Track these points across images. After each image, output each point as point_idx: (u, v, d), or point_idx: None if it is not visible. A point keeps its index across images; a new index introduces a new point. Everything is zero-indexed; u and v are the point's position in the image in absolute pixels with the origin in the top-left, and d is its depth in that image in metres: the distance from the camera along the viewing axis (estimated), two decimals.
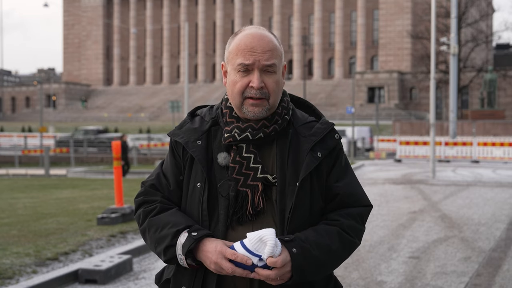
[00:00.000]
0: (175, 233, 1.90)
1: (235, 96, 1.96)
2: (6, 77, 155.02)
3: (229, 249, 1.82)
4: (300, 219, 1.92)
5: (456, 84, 29.36)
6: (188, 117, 2.10)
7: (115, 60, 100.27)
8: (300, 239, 1.86)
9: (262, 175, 1.93)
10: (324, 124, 2.03)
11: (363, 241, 8.01)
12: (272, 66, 1.95)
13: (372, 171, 21.23)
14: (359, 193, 2.04)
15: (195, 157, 1.96)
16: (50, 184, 17.76)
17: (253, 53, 1.93)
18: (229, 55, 1.99)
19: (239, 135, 1.95)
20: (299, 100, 2.14)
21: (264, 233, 1.79)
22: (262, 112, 1.94)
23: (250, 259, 1.79)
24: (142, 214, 2.01)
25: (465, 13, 52.93)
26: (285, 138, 1.98)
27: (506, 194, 13.88)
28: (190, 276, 1.95)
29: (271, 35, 1.99)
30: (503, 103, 59.73)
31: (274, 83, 1.95)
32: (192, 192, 1.98)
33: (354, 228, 1.98)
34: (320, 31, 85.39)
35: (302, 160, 1.94)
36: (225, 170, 1.96)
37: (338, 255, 1.94)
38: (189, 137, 2.00)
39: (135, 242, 7.67)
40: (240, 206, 1.92)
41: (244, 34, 1.98)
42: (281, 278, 1.82)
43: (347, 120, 53.13)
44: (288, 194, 1.92)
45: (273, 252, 1.79)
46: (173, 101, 38.45)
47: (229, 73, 1.99)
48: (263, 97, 1.93)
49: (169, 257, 1.92)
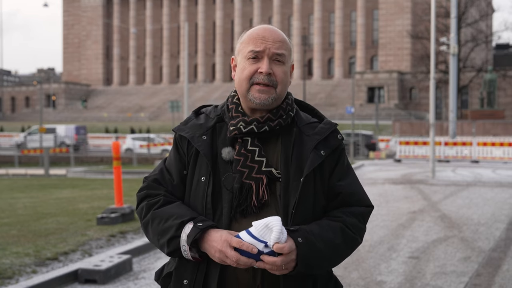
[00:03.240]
0: (179, 224, 1.90)
1: (242, 82, 1.98)
2: (6, 77, 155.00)
3: (235, 237, 1.82)
4: (304, 215, 1.94)
5: (456, 84, 29.36)
6: (193, 114, 2.13)
7: (115, 60, 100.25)
8: (305, 231, 1.88)
9: (266, 168, 1.95)
10: (327, 124, 2.06)
11: (363, 241, 7.96)
12: (282, 56, 1.99)
13: (372, 171, 21.24)
14: (361, 193, 2.06)
15: (201, 151, 1.98)
16: (50, 184, 17.76)
17: (264, 41, 1.98)
18: (240, 45, 2.03)
19: (244, 127, 1.97)
20: (301, 103, 2.17)
21: (270, 220, 1.81)
22: (268, 100, 1.96)
23: (256, 248, 1.79)
24: (146, 206, 2.02)
25: (465, 13, 52.96)
26: (289, 136, 2.00)
27: (505, 194, 13.88)
28: (192, 269, 1.95)
29: (282, 32, 2.05)
30: (503, 103, 59.73)
31: (283, 72, 1.99)
32: (196, 186, 1.99)
33: (357, 226, 2.00)
34: (320, 31, 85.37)
35: (306, 157, 1.97)
36: (229, 165, 1.97)
37: (341, 250, 1.96)
38: (195, 132, 2.03)
39: (135, 242, 7.66)
40: (244, 198, 1.93)
41: (257, 27, 2.05)
42: (286, 266, 1.82)
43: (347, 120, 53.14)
44: (292, 189, 1.93)
45: (279, 238, 1.79)
46: (173, 101, 38.48)
47: (239, 62, 2.02)
48: (270, 84, 1.96)
49: (173, 248, 1.92)
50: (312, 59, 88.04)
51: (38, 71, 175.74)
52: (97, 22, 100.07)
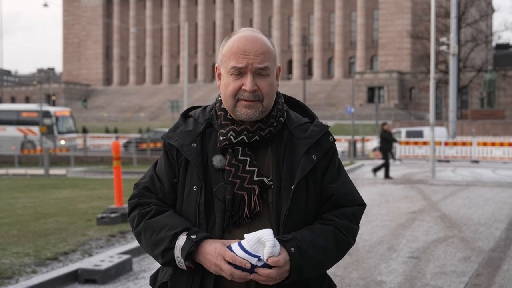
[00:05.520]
0: (173, 236, 1.89)
1: (227, 98, 1.96)
2: (5, 77, 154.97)
3: (228, 251, 1.82)
4: (296, 221, 1.94)
5: (455, 84, 29.37)
6: (181, 118, 2.09)
7: (115, 60, 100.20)
8: (297, 239, 1.88)
9: (258, 178, 1.94)
10: (318, 127, 2.03)
11: (363, 241, 8.01)
12: (265, 69, 1.94)
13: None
14: (353, 193, 2.06)
15: (191, 160, 1.96)
16: (49, 184, 17.76)
17: (246, 56, 1.92)
18: (222, 57, 1.98)
19: (234, 138, 1.95)
20: (291, 100, 2.14)
21: (262, 234, 1.80)
22: (255, 114, 1.94)
23: (249, 263, 1.79)
24: (137, 216, 2.00)
25: (465, 13, 52.92)
26: (280, 141, 1.99)
27: (505, 194, 13.88)
28: (187, 280, 1.95)
29: (264, 38, 1.98)
30: (502, 103, 59.68)
31: (268, 85, 1.95)
32: (188, 195, 1.97)
33: (349, 228, 2.00)
34: (320, 31, 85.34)
35: (297, 163, 1.95)
36: (220, 173, 1.95)
37: (333, 255, 1.96)
38: (184, 140, 1.99)
39: (134, 242, 7.66)
40: (236, 210, 1.92)
41: (237, 37, 1.97)
42: (280, 277, 1.83)
43: (346, 120, 53.17)
44: (284, 196, 1.92)
45: (272, 252, 1.79)
46: (172, 101, 38.44)
47: (223, 75, 1.99)
48: (256, 99, 1.93)
49: (167, 260, 1.92)
50: (312, 59, 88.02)
51: (38, 71, 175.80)
52: (97, 22, 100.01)
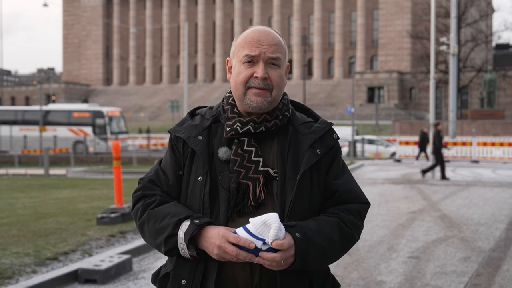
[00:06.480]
0: (176, 222, 1.91)
1: (238, 86, 1.99)
2: (6, 77, 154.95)
3: (232, 233, 1.83)
4: (300, 212, 1.95)
5: (455, 84, 29.36)
6: (188, 115, 2.14)
7: (115, 60, 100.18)
8: (302, 226, 1.89)
9: (263, 168, 1.97)
10: (323, 124, 2.07)
11: (363, 241, 8.01)
12: (277, 60, 1.99)
13: (372, 171, 21.25)
14: (357, 191, 2.08)
15: (197, 150, 1.99)
16: (49, 184, 17.76)
17: (260, 45, 1.98)
18: (235, 48, 2.04)
19: (241, 128, 1.98)
20: (297, 104, 2.19)
21: (267, 217, 1.81)
22: (264, 103, 1.97)
23: (253, 243, 1.79)
24: (141, 207, 2.02)
25: (465, 13, 52.91)
26: (285, 135, 2.02)
27: (505, 194, 13.89)
28: (190, 269, 1.96)
29: (277, 34, 2.05)
30: (502, 103, 59.67)
31: (278, 76, 2.00)
32: (193, 186, 2.00)
33: (354, 223, 2.01)
34: (320, 31, 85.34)
35: (302, 156, 1.98)
36: (226, 165, 1.98)
37: (338, 246, 1.97)
38: (190, 132, 2.03)
39: (134, 242, 7.67)
40: (241, 198, 1.94)
41: (251, 29, 2.04)
42: (284, 262, 1.83)
43: (347, 120, 53.16)
44: (289, 187, 1.95)
45: (277, 235, 1.80)
46: (172, 101, 38.50)
47: (234, 66, 2.03)
48: (266, 88, 1.97)
49: (170, 247, 1.93)
50: (312, 59, 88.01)
51: (38, 71, 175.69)
52: (97, 22, 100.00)
